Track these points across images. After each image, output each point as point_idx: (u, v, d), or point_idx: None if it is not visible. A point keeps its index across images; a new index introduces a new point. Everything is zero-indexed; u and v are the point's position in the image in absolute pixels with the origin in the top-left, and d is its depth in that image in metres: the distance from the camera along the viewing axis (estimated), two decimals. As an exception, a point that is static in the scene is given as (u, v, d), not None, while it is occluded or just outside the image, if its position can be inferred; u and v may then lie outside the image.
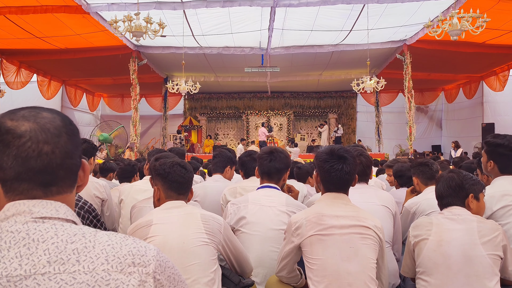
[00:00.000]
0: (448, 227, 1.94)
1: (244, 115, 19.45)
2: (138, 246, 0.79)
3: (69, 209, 0.81)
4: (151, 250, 0.80)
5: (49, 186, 0.79)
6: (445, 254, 1.89)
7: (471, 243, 1.88)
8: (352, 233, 1.82)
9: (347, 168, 1.90)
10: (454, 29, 6.88)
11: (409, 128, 12.41)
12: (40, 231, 0.74)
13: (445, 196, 2.05)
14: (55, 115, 0.82)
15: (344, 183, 1.93)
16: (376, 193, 2.46)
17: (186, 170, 1.94)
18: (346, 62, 14.00)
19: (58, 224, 0.77)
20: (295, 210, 2.33)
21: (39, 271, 0.71)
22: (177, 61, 12.28)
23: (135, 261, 0.76)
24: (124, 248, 0.77)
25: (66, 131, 0.81)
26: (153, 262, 0.78)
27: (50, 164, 0.78)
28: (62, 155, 0.79)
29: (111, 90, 17.83)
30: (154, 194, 1.97)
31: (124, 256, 0.76)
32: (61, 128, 0.80)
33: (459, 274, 1.85)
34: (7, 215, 0.76)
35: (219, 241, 1.85)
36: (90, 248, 0.75)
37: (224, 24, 10.42)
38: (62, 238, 0.74)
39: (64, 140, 0.79)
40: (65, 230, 0.76)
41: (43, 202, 0.78)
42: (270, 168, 2.42)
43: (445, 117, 18.75)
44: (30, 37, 10.38)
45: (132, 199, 2.93)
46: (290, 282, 2.07)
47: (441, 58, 12.50)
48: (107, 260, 0.74)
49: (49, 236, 0.74)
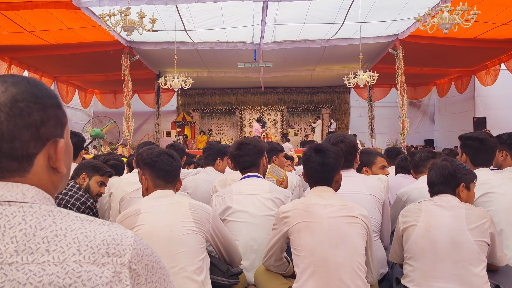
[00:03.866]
0: (436, 213, 1.97)
1: (238, 111, 19.43)
2: (113, 234, 0.74)
3: (39, 191, 0.75)
4: (128, 238, 0.75)
5: None
6: (433, 240, 1.91)
7: (459, 229, 1.90)
8: (340, 221, 1.84)
9: (325, 161, 1.93)
10: (445, 23, 6.91)
11: (401, 123, 12.46)
12: (7, 215, 0.70)
13: (437, 183, 2.07)
14: (11, 88, 0.74)
15: (323, 175, 1.96)
16: (365, 182, 2.45)
17: (174, 158, 1.95)
18: (338, 57, 14.02)
19: (26, 206, 0.72)
20: (279, 196, 2.38)
21: (6, 260, 0.66)
22: (170, 57, 12.22)
23: (110, 251, 0.71)
24: (98, 236, 0.72)
25: (8, 110, 0.72)
26: (129, 251, 0.73)
27: None
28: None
29: (103, 87, 17.74)
30: (142, 184, 1.97)
31: (98, 245, 0.71)
32: (1, 107, 0.72)
33: (446, 260, 1.87)
34: None
35: (207, 230, 1.86)
36: (61, 236, 0.70)
37: (217, 18, 10.39)
38: (30, 224, 0.70)
39: (0, 121, 0.71)
40: (34, 213, 0.71)
41: (8, 184, 0.73)
42: (243, 162, 2.50)
43: (437, 111, 18.86)
44: (21, 31, 10.28)
45: (121, 191, 2.94)
46: (277, 270, 2.09)
47: (433, 52, 12.55)
48: (79, 251, 0.69)
49: (17, 222, 0.69)
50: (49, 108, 0.77)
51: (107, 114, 17.85)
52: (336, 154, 1.96)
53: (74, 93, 16.69)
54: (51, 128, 0.77)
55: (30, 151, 0.75)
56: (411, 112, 17.54)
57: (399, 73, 12.30)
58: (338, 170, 1.99)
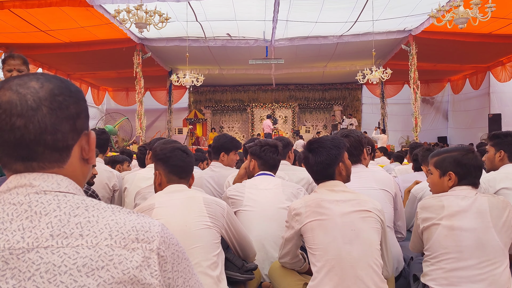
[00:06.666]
0: (460, 209, 1.88)
1: (249, 108, 19.43)
2: (142, 222, 0.77)
3: (72, 182, 0.79)
4: (156, 226, 0.78)
5: (28, 161, 0.76)
6: (457, 239, 1.85)
7: (484, 227, 1.84)
8: (353, 216, 1.80)
9: (317, 159, 1.90)
10: (460, 17, 6.80)
11: (414, 120, 12.33)
12: (42, 203, 0.74)
13: (472, 175, 1.97)
14: (47, 84, 0.77)
15: (322, 173, 1.92)
16: (374, 176, 2.41)
17: (188, 154, 1.94)
18: (351, 53, 13.91)
19: (60, 195, 0.76)
20: (291, 190, 2.38)
21: (42, 244, 0.70)
22: (181, 54, 12.24)
23: (139, 237, 0.75)
24: (128, 223, 0.76)
25: (49, 103, 0.75)
26: (157, 238, 0.77)
27: (23, 138, 0.74)
28: (37, 130, 0.74)
29: (115, 84, 17.87)
30: (155, 179, 1.97)
31: (128, 231, 0.75)
32: (42, 101, 0.75)
33: (470, 259, 1.82)
34: (9, 187, 0.76)
35: (222, 225, 1.85)
36: (94, 222, 0.74)
37: (228, 10, 10.31)
38: (65, 211, 0.74)
39: (42, 114, 0.74)
40: (68, 201, 0.75)
41: (44, 175, 0.77)
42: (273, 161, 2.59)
43: (451, 108, 18.62)
44: (35, 30, 10.40)
45: (135, 187, 2.95)
46: (293, 267, 2.07)
47: (447, 48, 12.38)
48: (110, 236, 0.73)
49: (52, 209, 0.73)
50: (81, 101, 0.82)
51: (119, 111, 18.01)
52: (329, 148, 1.89)
53: (87, 91, 16.85)
54: (83, 120, 0.82)
55: (69, 143, 0.79)
56: (424, 109, 17.33)
57: (412, 70, 12.16)
58: (337, 163, 1.90)
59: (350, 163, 1.99)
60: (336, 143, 1.92)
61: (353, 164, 2.33)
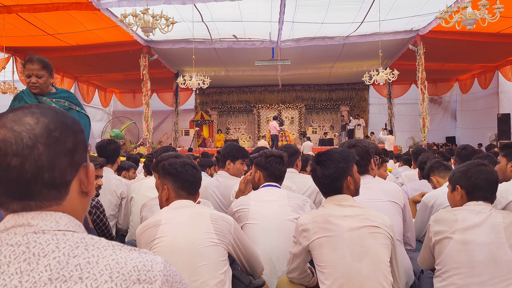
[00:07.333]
0: (474, 224, 1.85)
1: (255, 109, 19.41)
2: (144, 261, 0.76)
3: (71, 219, 0.77)
4: (158, 264, 0.77)
5: (25, 200, 0.74)
6: (470, 254, 1.81)
7: (498, 243, 1.81)
8: (362, 232, 1.77)
9: (325, 173, 1.85)
10: (468, 19, 6.72)
11: (422, 120, 12.23)
12: (41, 243, 0.72)
13: (483, 189, 1.93)
14: (42, 119, 0.75)
15: (330, 186, 1.88)
16: (382, 187, 2.35)
17: (197, 170, 1.93)
18: (357, 53, 13.84)
19: (59, 234, 0.74)
20: (297, 202, 2.35)
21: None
22: (188, 56, 12.24)
23: (141, 278, 0.73)
24: (129, 263, 0.74)
25: (45, 140, 0.73)
26: (159, 277, 0.75)
27: (20, 178, 0.72)
28: (34, 169, 0.72)
29: (122, 86, 17.94)
30: (162, 194, 1.93)
31: (129, 272, 0.73)
32: (38, 138, 0.73)
33: (483, 275, 1.78)
34: (7, 226, 0.74)
35: (229, 242, 1.82)
36: (94, 263, 0.72)
37: (234, 11, 10.27)
38: (64, 252, 0.71)
39: (39, 151, 0.72)
40: (67, 241, 0.73)
41: (42, 214, 0.75)
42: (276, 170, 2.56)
43: (459, 108, 18.46)
44: (42, 34, 10.46)
45: (142, 196, 2.94)
46: (301, 282, 2.04)
47: (455, 48, 12.26)
48: (111, 278, 0.71)
49: (50, 250, 0.71)
50: (78, 134, 0.80)
51: (126, 113, 18.08)
52: (337, 161, 1.85)
53: (94, 93, 16.93)
54: (81, 153, 0.80)
55: (68, 178, 0.77)
56: (432, 109, 17.21)
57: (419, 70, 12.06)
58: (345, 176, 1.86)
59: (359, 177, 1.95)
60: (345, 156, 1.88)
61: (361, 174, 2.28)
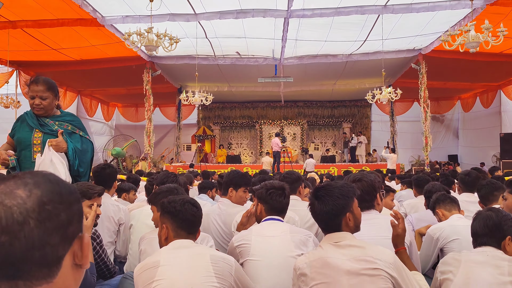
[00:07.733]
0: (476, 266, 1.86)
1: (258, 125, 19.42)
2: None
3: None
4: None
5: (12, 279, 0.68)
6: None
7: (500, 284, 1.78)
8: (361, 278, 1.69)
9: (323, 209, 1.77)
10: (472, 41, 6.74)
11: (425, 139, 12.20)
12: None
13: (481, 235, 1.94)
14: (35, 191, 0.70)
15: (328, 223, 1.80)
16: (388, 223, 2.31)
17: (197, 208, 1.87)
18: (360, 71, 13.89)
19: None
20: (300, 237, 2.27)
21: None
22: (191, 72, 12.29)
23: None
24: None
25: (37, 215, 0.68)
26: None
27: (7, 257, 0.66)
28: (23, 247, 0.66)
29: (125, 100, 18.00)
30: (161, 233, 1.88)
31: None
32: (29, 213, 0.67)
33: None
34: None
35: (229, 284, 1.76)
36: None
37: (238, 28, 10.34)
38: None
39: (29, 228, 0.67)
40: None
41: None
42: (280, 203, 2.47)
43: (461, 126, 18.43)
44: (47, 49, 10.53)
45: (142, 224, 2.88)
46: None
47: (457, 67, 12.29)
48: None
49: None
50: (73, 205, 0.74)
51: (128, 127, 18.09)
52: (336, 198, 1.77)
53: (97, 107, 16.98)
54: (76, 225, 0.74)
55: (60, 254, 0.71)
56: (434, 127, 17.18)
57: (422, 88, 12.08)
58: (344, 213, 1.78)
59: (359, 212, 1.87)
60: (344, 191, 1.79)
61: (366, 210, 2.22)
